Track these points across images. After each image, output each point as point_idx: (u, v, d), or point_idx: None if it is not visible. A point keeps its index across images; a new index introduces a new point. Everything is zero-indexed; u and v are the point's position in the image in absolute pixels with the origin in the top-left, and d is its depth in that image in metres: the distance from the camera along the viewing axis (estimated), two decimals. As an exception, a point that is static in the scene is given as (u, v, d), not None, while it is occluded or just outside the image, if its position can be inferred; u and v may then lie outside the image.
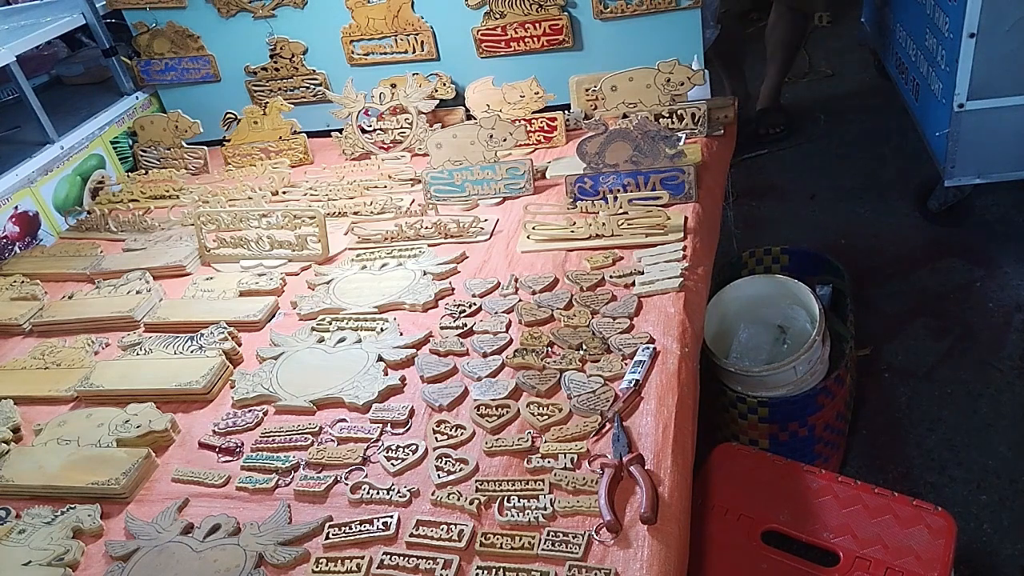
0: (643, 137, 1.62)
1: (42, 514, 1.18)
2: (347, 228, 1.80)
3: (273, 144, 2.16)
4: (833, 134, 3.22)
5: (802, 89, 3.61)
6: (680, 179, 1.61)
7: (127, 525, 1.14)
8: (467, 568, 0.99)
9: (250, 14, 2.18)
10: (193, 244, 1.80)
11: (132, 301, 1.63)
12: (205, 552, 1.07)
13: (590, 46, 2.05)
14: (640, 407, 1.17)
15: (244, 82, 2.28)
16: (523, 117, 1.97)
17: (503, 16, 2.04)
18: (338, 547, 1.05)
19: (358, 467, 1.17)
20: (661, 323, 1.33)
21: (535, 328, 1.38)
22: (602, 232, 1.57)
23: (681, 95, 1.82)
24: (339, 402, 1.30)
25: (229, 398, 1.36)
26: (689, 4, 1.96)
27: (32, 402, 1.44)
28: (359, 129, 2.09)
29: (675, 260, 1.46)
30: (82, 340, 1.58)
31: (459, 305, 1.48)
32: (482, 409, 1.22)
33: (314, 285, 1.62)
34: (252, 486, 1.17)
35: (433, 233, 1.70)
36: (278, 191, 2.00)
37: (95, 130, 2.21)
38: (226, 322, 1.52)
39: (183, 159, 2.22)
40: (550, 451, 1.12)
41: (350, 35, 2.15)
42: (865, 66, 3.60)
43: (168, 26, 2.24)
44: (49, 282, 1.80)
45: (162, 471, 1.24)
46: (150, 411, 1.33)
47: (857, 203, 2.74)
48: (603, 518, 1.00)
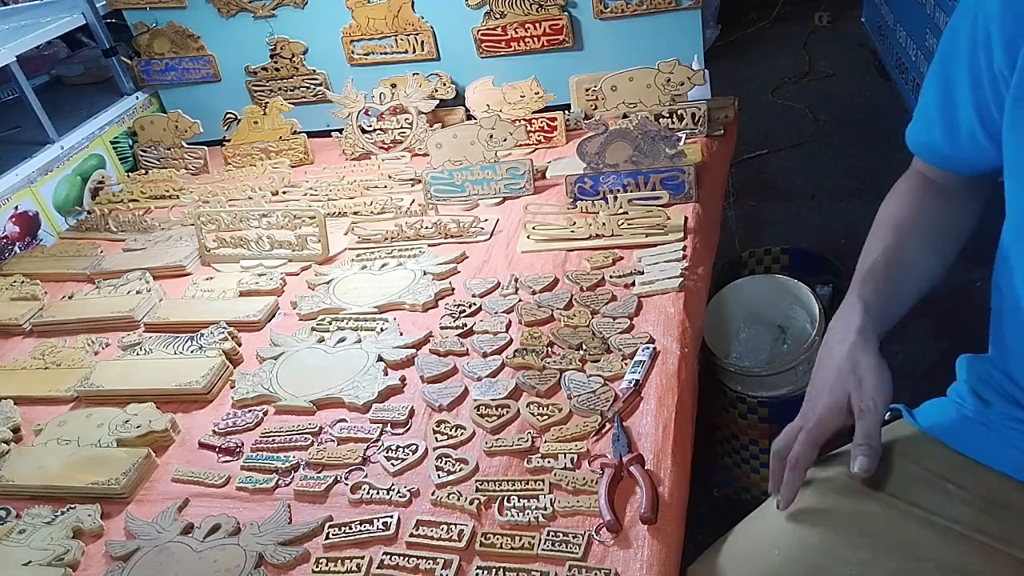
0: (643, 137, 1.62)
1: (42, 514, 1.18)
2: (347, 228, 1.80)
3: (273, 144, 2.16)
4: (833, 134, 3.22)
5: (803, 89, 3.61)
6: (680, 179, 1.61)
7: (127, 525, 1.14)
8: (467, 568, 0.99)
9: (250, 14, 2.18)
10: (193, 244, 1.80)
11: (132, 301, 1.63)
12: (205, 552, 1.07)
13: (590, 46, 2.05)
14: (640, 407, 1.17)
15: (244, 82, 2.28)
16: (523, 117, 1.97)
17: (503, 16, 2.04)
18: (338, 547, 1.05)
19: (358, 467, 1.17)
20: (661, 323, 1.33)
21: (535, 328, 1.38)
22: (602, 232, 1.57)
23: (681, 95, 1.82)
24: (339, 402, 1.30)
25: (229, 398, 1.36)
26: (689, 4, 1.96)
27: (32, 402, 1.44)
28: (359, 129, 2.10)
29: (675, 260, 1.46)
30: (82, 340, 1.58)
31: (459, 305, 1.48)
32: (482, 409, 1.22)
33: (314, 285, 1.62)
34: (252, 486, 1.17)
35: (433, 233, 1.70)
36: (278, 191, 2.00)
37: (95, 130, 2.21)
38: (226, 322, 1.52)
39: (183, 159, 2.22)
40: (550, 451, 1.12)
41: (350, 35, 2.15)
42: (865, 66, 3.60)
43: (168, 26, 2.24)
44: (49, 282, 1.79)
45: (162, 471, 1.24)
46: (150, 411, 1.33)
47: (857, 203, 2.74)
48: (603, 518, 1.00)
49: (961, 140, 0.91)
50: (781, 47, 4.03)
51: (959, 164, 0.96)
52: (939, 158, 0.99)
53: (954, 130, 0.92)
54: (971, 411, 0.93)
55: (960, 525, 0.85)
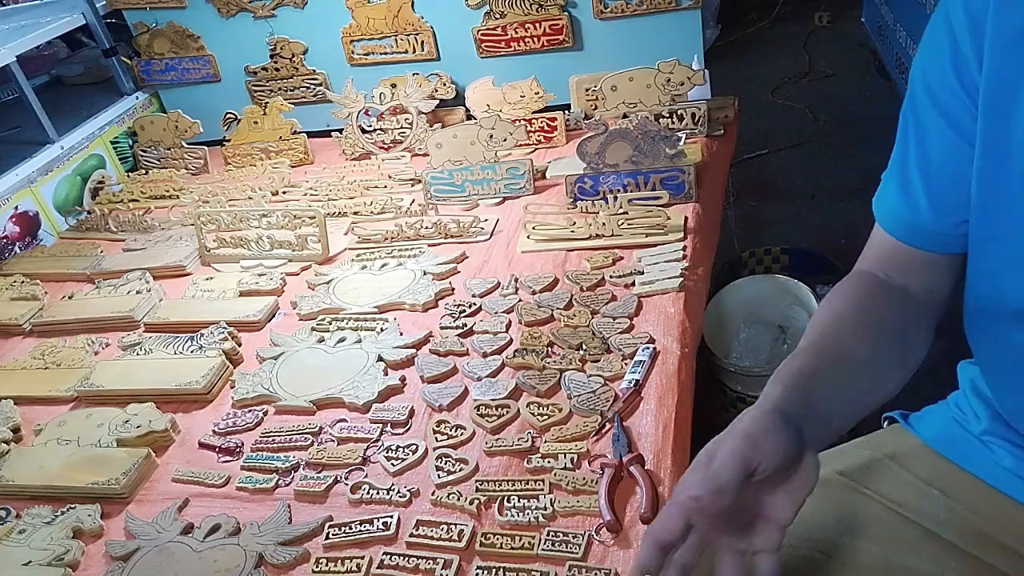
0: (643, 137, 1.62)
1: (42, 514, 1.18)
2: (347, 228, 1.80)
3: (273, 144, 2.16)
4: (833, 134, 3.22)
5: (803, 89, 3.61)
6: (680, 179, 1.61)
7: (127, 525, 1.14)
8: (467, 568, 0.99)
9: (250, 14, 2.18)
10: (193, 244, 1.80)
11: (132, 301, 1.63)
12: (205, 552, 1.07)
13: (590, 46, 2.05)
14: (640, 407, 1.17)
15: (244, 82, 2.28)
16: (523, 117, 1.97)
17: (503, 16, 2.04)
18: (338, 547, 1.05)
19: (358, 467, 1.17)
20: (661, 323, 1.33)
21: (535, 328, 1.38)
22: (602, 232, 1.57)
23: (681, 95, 1.82)
24: (339, 402, 1.30)
25: (229, 398, 1.36)
26: (689, 4, 1.96)
27: (32, 402, 1.44)
28: (359, 129, 2.10)
29: (675, 260, 1.46)
30: (82, 340, 1.58)
31: (459, 305, 1.48)
32: (482, 409, 1.22)
33: (314, 285, 1.62)
34: (252, 486, 1.17)
35: (433, 233, 1.70)
36: (278, 191, 2.00)
37: (95, 130, 2.21)
38: (226, 322, 1.52)
39: (183, 159, 2.22)
40: (550, 451, 1.12)
41: (350, 35, 2.15)
42: (865, 66, 3.60)
43: (168, 26, 2.25)
44: (49, 282, 1.79)
45: (162, 471, 1.24)
46: (150, 411, 1.33)
47: (857, 203, 2.74)
48: (603, 518, 1.00)
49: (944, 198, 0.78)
50: (781, 47, 4.03)
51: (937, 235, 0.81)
52: (912, 229, 0.83)
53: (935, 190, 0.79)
54: (966, 422, 0.93)
55: (942, 529, 0.85)
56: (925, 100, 0.78)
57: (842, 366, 0.77)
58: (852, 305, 0.83)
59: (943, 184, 0.78)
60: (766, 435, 0.65)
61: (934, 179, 0.79)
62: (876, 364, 0.80)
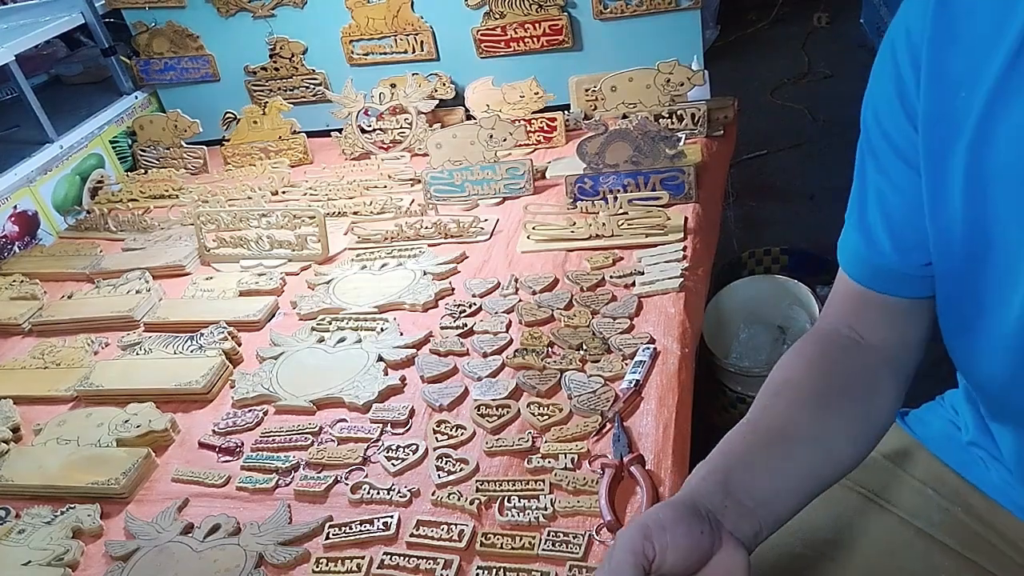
0: (643, 137, 1.62)
1: (42, 514, 1.17)
2: (347, 228, 1.80)
3: (273, 144, 2.16)
4: (832, 135, 3.22)
5: (802, 89, 3.62)
6: (680, 179, 1.61)
7: (127, 525, 1.14)
8: (467, 568, 0.99)
9: (250, 14, 2.18)
10: (193, 244, 1.80)
11: (132, 301, 1.63)
12: (205, 552, 1.07)
13: (590, 46, 2.05)
14: (640, 407, 1.17)
15: (244, 82, 2.28)
16: (523, 117, 1.97)
17: (503, 16, 2.04)
18: (338, 547, 1.05)
19: (358, 467, 1.17)
20: (661, 323, 1.33)
21: (535, 328, 1.38)
22: (602, 232, 1.57)
23: (681, 95, 1.82)
24: (339, 402, 1.30)
25: (229, 398, 1.36)
26: (689, 4, 1.96)
27: (32, 402, 1.44)
28: (359, 129, 2.09)
29: (675, 260, 1.46)
30: (82, 340, 1.58)
31: (459, 305, 1.47)
32: (482, 409, 1.22)
33: (314, 285, 1.62)
34: (252, 486, 1.17)
35: (433, 233, 1.69)
36: (278, 191, 2.00)
37: (94, 130, 2.20)
38: (226, 322, 1.51)
39: (182, 159, 2.22)
40: (550, 451, 1.12)
41: (350, 35, 2.15)
42: (865, 66, 3.60)
43: (167, 26, 2.24)
44: (49, 282, 1.79)
45: (162, 471, 1.24)
46: (150, 411, 1.33)
47: (856, 204, 2.74)
48: (603, 518, 1.00)
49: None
50: (780, 48, 4.03)
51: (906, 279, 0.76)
52: (877, 271, 0.78)
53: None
54: (959, 427, 0.93)
55: (936, 531, 0.85)
56: (877, 134, 0.75)
57: (784, 445, 0.71)
58: (803, 371, 0.77)
59: (904, 222, 0.74)
60: (662, 529, 0.60)
61: (895, 217, 0.75)
62: (828, 437, 0.73)
